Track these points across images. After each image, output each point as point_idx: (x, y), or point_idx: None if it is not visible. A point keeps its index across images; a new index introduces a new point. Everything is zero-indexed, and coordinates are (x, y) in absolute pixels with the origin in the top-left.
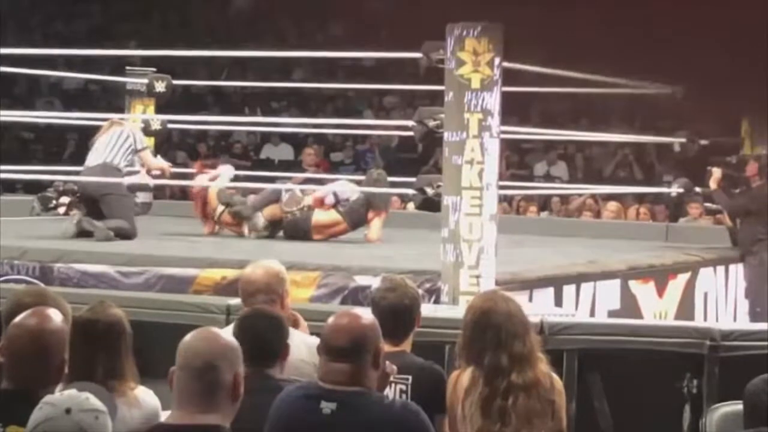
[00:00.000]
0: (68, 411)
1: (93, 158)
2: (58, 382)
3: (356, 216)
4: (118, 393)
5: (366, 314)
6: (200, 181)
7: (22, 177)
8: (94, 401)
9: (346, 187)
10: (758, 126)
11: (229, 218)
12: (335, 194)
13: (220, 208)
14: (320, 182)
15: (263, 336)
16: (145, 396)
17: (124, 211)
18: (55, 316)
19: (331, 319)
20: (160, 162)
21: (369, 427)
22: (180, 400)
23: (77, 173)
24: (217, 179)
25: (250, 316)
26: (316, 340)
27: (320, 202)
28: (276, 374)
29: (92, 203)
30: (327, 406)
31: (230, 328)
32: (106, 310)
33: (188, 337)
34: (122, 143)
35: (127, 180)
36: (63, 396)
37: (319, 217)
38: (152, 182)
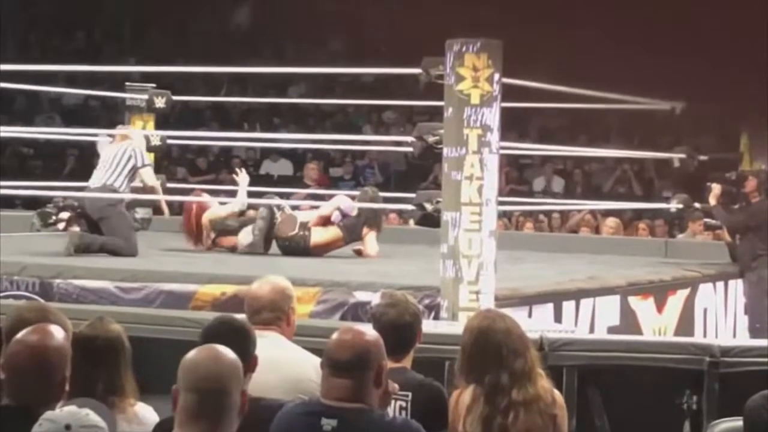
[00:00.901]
0: (68, 427)
1: (95, 178)
2: (60, 399)
3: (354, 231)
4: (118, 409)
5: (370, 331)
6: (200, 199)
7: (22, 193)
8: (94, 417)
9: (348, 201)
10: (758, 139)
11: (225, 243)
12: (341, 210)
13: (213, 234)
14: (321, 198)
15: (231, 346)
16: (144, 412)
17: (123, 230)
18: (57, 332)
19: (335, 335)
20: (156, 183)
21: None
22: (184, 421)
23: (77, 189)
24: (226, 206)
25: (215, 326)
26: None
27: (326, 220)
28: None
29: (94, 223)
30: (327, 423)
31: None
32: (106, 326)
33: (193, 356)
34: (125, 162)
35: (126, 196)
36: (63, 412)
37: (319, 237)
38: (156, 197)
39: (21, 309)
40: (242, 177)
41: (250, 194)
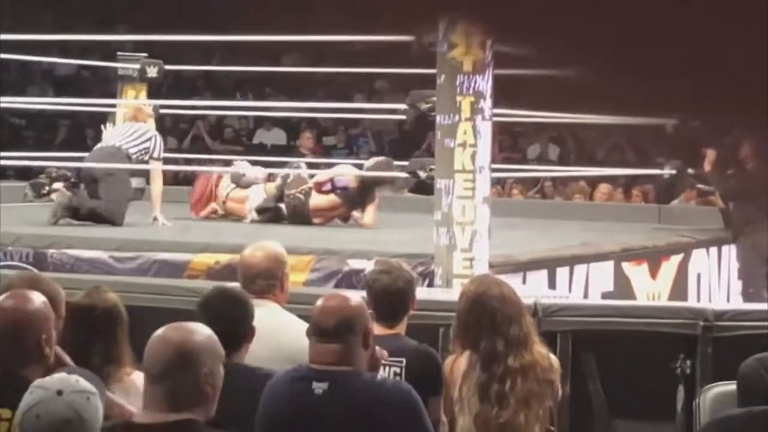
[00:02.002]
0: (60, 393)
1: (109, 139)
2: (41, 363)
3: (354, 200)
4: (114, 378)
5: (354, 296)
6: (208, 176)
7: (14, 163)
8: (84, 383)
9: (343, 176)
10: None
11: (236, 197)
12: (333, 182)
13: (231, 186)
14: (317, 166)
15: (229, 316)
16: (142, 381)
17: (116, 196)
18: (36, 297)
19: (319, 302)
20: (159, 181)
21: (361, 405)
22: (147, 400)
23: (70, 159)
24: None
25: (213, 297)
26: None
27: (319, 188)
28: (242, 359)
29: (92, 182)
30: (318, 387)
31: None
32: (103, 296)
33: (157, 334)
34: (143, 140)
35: (134, 166)
36: (53, 379)
37: (318, 200)
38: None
39: (12, 279)
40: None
41: (250, 163)
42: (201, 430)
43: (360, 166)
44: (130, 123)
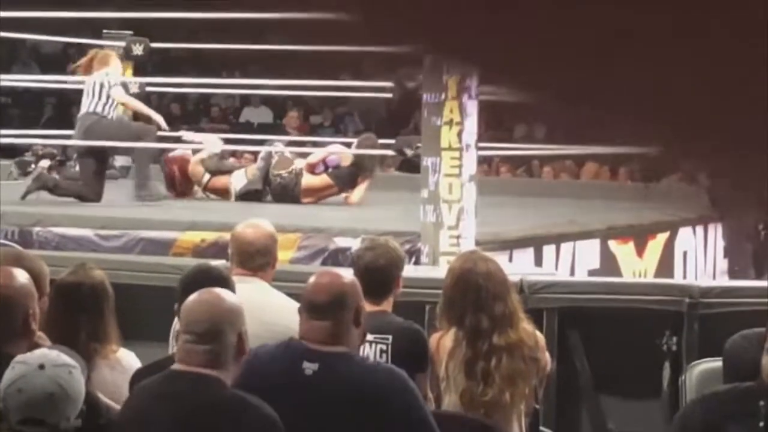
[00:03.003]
0: (42, 367)
1: (82, 107)
2: (25, 338)
3: (345, 180)
4: (100, 355)
5: (346, 273)
6: (182, 150)
7: (0, 141)
8: (66, 357)
9: (335, 155)
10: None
11: (218, 184)
12: (325, 163)
13: (207, 176)
14: (302, 145)
15: None
16: (127, 358)
17: (85, 173)
18: (19, 274)
19: (312, 278)
20: (127, 99)
21: (351, 388)
22: (182, 359)
23: (56, 137)
24: (201, 151)
25: (193, 274)
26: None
27: (312, 169)
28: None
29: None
30: (309, 367)
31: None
32: (89, 273)
33: (191, 299)
34: (98, 90)
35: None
36: (34, 354)
37: (310, 181)
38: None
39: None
40: (212, 140)
41: (232, 141)
42: (227, 389)
43: (348, 145)
44: (89, 81)
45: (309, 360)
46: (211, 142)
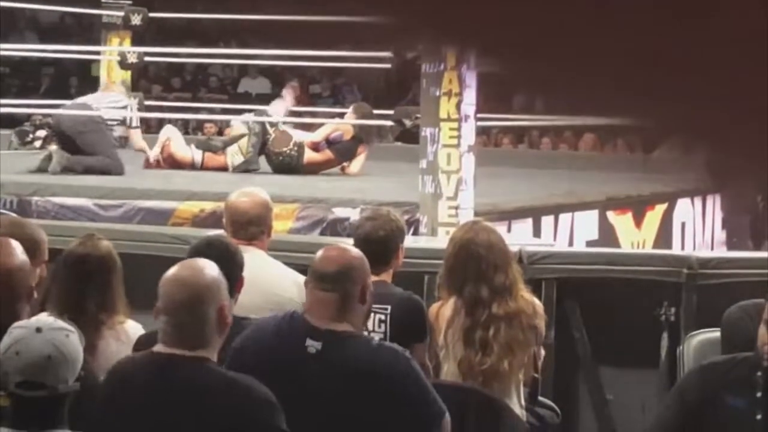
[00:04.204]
0: (39, 330)
1: (84, 99)
2: (26, 311)
3: (346, 154)
4: (107, 326)
5: (356, 249)
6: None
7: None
8: (62, 322)
9: (337, 131)
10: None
11: (214, 161)
12: (328, 139)
13: (198, 155)
14: (300, 115)
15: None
16: (134, 329)
17: (104, 147)
18: (16, 247)
19: (320, 251)
20: (144, 144)
21: (354, 369)
22: (164, 337)
23: (55, 107)
24: (169, 144)
25: (203, 245)
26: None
27: (315, 147)
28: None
29: (69, 141)
30: (313, 345)
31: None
32: (97, 244)
33: (170, 273)
34: (118, 108)
35: (104, 112)
36: (31, 320)
37: (313, 156)
38: (131, 114)
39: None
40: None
41: (234, 112)
42: (215, 368)
43: (342, 115)
44: (105, 94)
45: (312, 338)
46: (169, 133)
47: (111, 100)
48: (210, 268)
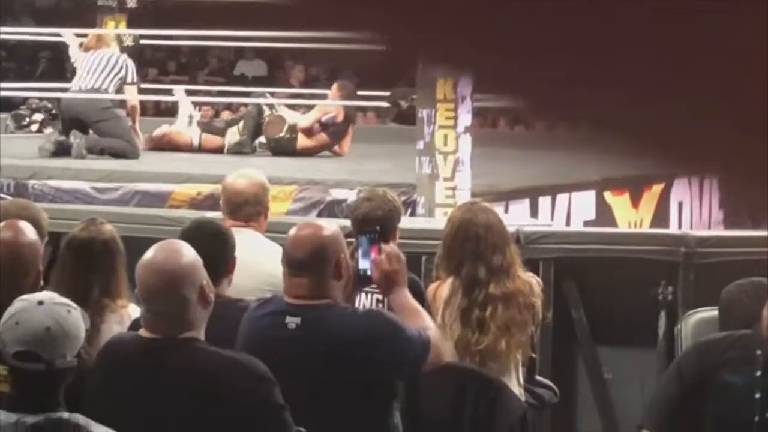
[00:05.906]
0: (41, 303)
1: (83, 81)
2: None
3: (339, 135)
4: (110, 309)
5: (329, 225)
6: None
7: None
8: (65, 299)
9: (329, 113)
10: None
11: (212, 143)
12: (321, 123)
13: (197, 137)
14: (298, 96)
15: (207, 250)
16: (136, 314)
17: (122, 132)
18: (28, 228)
19: (292, 231)
20: (137, 103)
21: (335, 338)
22: (146, 324)
23: (52, 90)
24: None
25: (193, 228)
26: None
27: (308, 132)
28: (224, 291)
29: (81, 127)
30: (292, 321)
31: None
32: (100, 228)
33: (144, 258)
34: (114, 70)
35: (115, 96)
36: (34, 294)
37: (306, 142)
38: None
39: (5, 205)
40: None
41: (233, 94)
42: (208, 348)
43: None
44: (98, 54)
45: (291, 315)
46: (185, 113)
47: (108, 65)
48: (184, 250)
